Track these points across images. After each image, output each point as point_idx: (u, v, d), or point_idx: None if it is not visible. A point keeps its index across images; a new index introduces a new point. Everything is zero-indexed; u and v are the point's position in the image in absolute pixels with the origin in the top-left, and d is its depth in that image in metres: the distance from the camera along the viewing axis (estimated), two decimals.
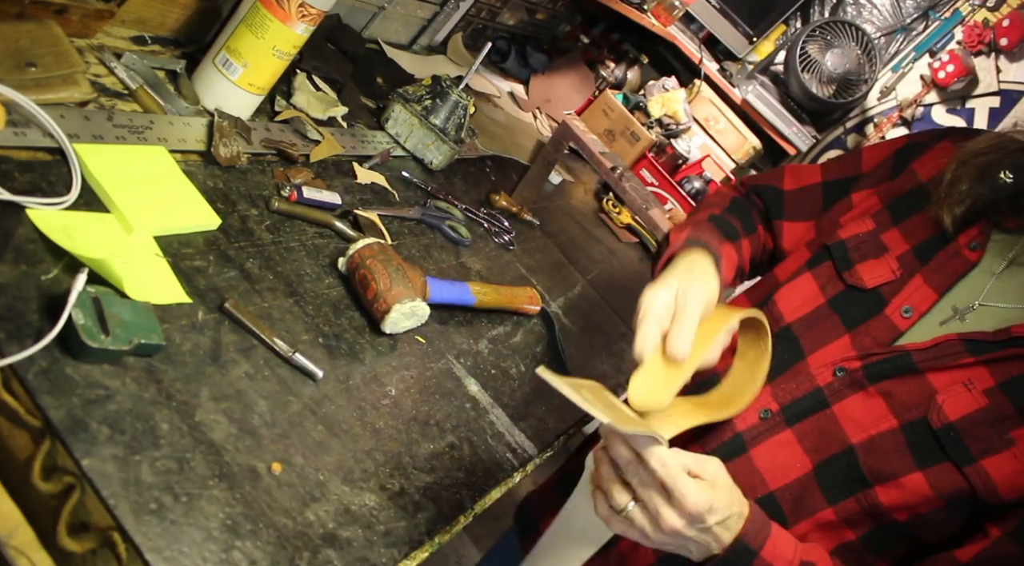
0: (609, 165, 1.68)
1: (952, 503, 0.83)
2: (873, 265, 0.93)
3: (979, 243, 0.89)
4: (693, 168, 2.36)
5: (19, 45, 0.88)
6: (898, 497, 0.84)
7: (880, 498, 0.85)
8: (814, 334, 0.93)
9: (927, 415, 0.84)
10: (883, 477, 0.85)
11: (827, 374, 0.90)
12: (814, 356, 0.92)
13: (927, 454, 0.83)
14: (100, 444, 0.66)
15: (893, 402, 0.87)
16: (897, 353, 0.87)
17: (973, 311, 0.87)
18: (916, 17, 2.50)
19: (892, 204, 0.97)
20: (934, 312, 0.89)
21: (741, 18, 2.44)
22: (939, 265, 0.90)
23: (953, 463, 0.82)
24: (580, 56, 2.39)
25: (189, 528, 0.67)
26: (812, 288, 0.96)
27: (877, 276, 0.92)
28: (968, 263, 0.89)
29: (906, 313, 0.89)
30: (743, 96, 2.42)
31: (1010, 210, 0.88)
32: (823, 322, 0.93)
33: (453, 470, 0.96)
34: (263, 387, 0.84)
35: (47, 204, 0.80)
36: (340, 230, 1.14)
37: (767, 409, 0.92)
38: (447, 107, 1.49)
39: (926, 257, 0.91)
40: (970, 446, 0.82)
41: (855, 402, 0.88)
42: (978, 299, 0.88)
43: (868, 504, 0.86)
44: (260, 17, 1.09)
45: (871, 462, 0.86)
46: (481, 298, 1.22)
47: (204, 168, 1.04)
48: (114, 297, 0.74)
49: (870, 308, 0.91)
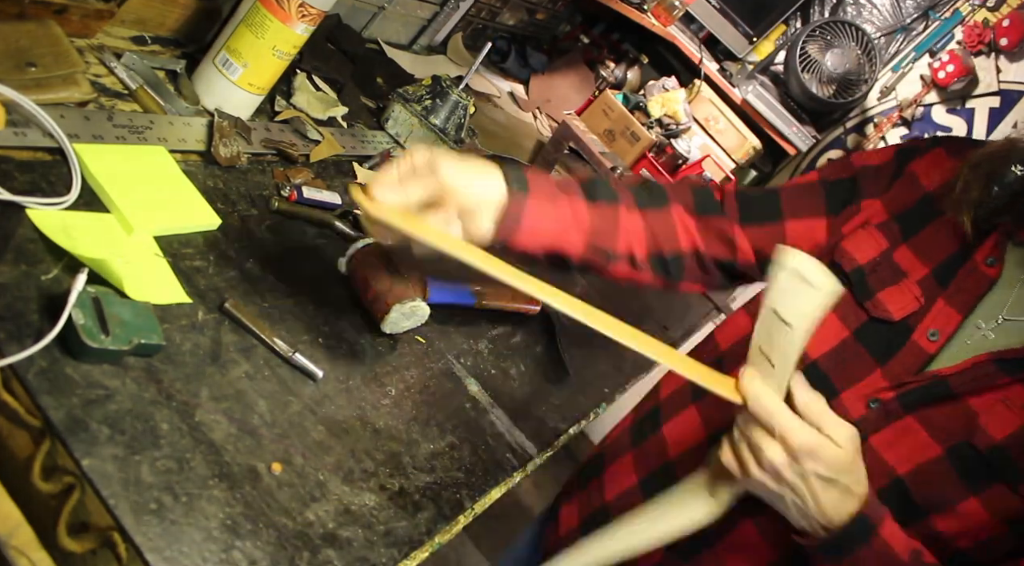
0: (609, 165, 1.68)
1: (1013, 524, 0.81)
2: (895, 293, 0.90)
3: (995, 258, 0.88)
4: (693, 168, 2.36)
5: (19, 45, 0.88)
6: (956, 525, 0.83)
7: (938, 527, 0.84)
8: (844, 370, 0.90)
9: (971, 439, 0.83)
10: (937, 506, 0.83)
11: (861, 407, 0.88)
12: (847, 392, 0.89)
13: (978, 478, 0.82)
14: (100, 444, 0.66)
15: (933, 430, 0.85)
16: (931, 380, 0.86)
17: (998, 326, 0.87)
18: (916, 17, 2.50)
19: (900, 216, 0.95)
20: (960, 333, 0.87)
21: (741, 18, 2.44)
22: (959, 285, 0.88)
23: (1006, 484, 0.81)
24: (580, 56, 2.39)
25: (189, 528, 0.67)
26: (832, 319, 0.92)
27: (903, 306, 0.90)
28: (988, 279, 0.88)
29: (933, 337, 0.87)
30: (743, 96, 2.42)
31: (1020, 221, 0.87)
32: (851, 356, 0.90)
33: (453, 470, 0.96)
34: (263, 387, 0.84)
35: (47, 204, 0.80)
36: (340, 230, 1.14)
37: None
38: (447, 107, 1.49)
39: (946, 279, 0.89)
40: (1020, 464, 0.80)
41: (894, 433, 0.86)
42: (1001, 313, 0.87)
43: (927, 534, 0.84)
44: (260, 17, 1.09)
45: (922, 492, 0.84)
46: (481, 298, 1.22)
47: (204, 168, 1.04)
48: (114, 297, 0.74)
49: (898, 338, 0.89)
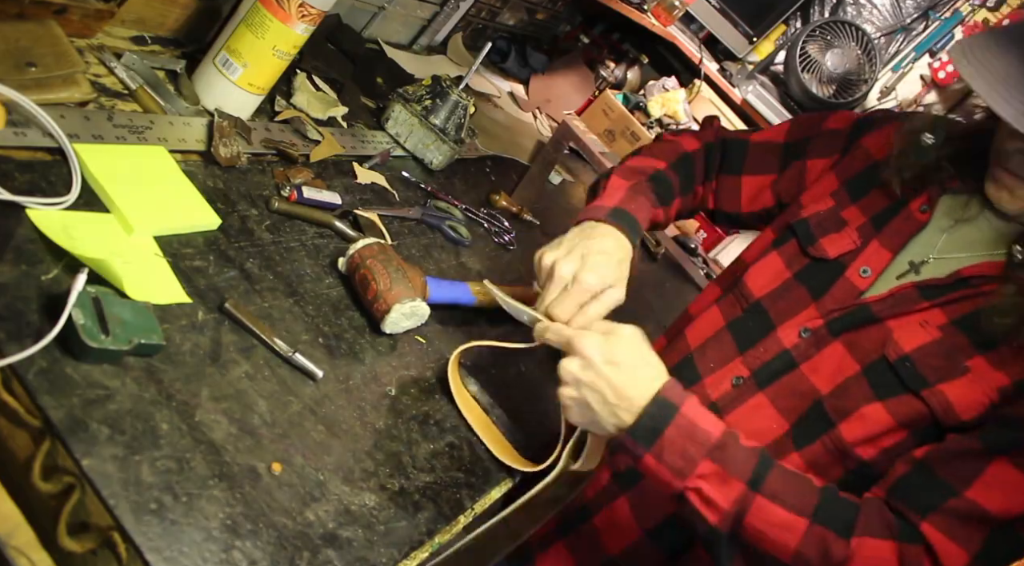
0: (609, 165, 1.68)
1: (914, 432, 0.87)
2: (835, 238, 1.00)
3: (928, 206, 0.97)
4: None
5: (19, 45, 0.88)
6: (860, 429, 0.88)
7: (844, 434, 0.89)
8: (781, 304, 0.99)
9: (884, 352, 0.89)
10: (845, 412, 0.89)
11: (793, 336, 0.96)
12: (783, 325, 0.97)
13: (886, 387, 0.88)
14: (100, 444, 0.66)
15: (855, 350, 0.92)
16: (857, 306, 0.94)
17: (928, 264, 0.94)
18: (916, 17, 2.50)
19: (848, 183, 1.04)
20: (891, 269, 0.95)
21: (741, 18, 2.44)
22: (893, 229, 0.97)
23: (911, 391, 0.87)
24: (580, 56, 2.39)
25: (189, 528, 0.67)
26: (779, 265, 1.02)
27: (839, 247, 0.99)
28: (919, 223, 0.96)
29: (864, 273, 0.96)
30: (743, 96, 2.42)
31: (952, 172, 0.96)
32: (790, 293, 0.99)
33: (453, 470, 0.96)
34: (263, 387, 0.84)
35: (47, 204, 0.80)
36: (340, 230, 1.14)
37: (738, 376, 0.98)
38: (447, 107, 1.49)
39: (881, 224, 0.98)
40: (927, 374, 0.86)
41: (821, 358, 0.94)
42: (932, 254, 0.95)
43: (833, 444, 0.90)
44: (260, 17, 1.09)
45: (835, 404, 0.90)
46: (481, 298, 1.22)
47: (204, 168, 1.04)
48: (114, 297, 0.74)
49: (833, 275, 0.97)
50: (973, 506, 0.79)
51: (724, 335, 1.03)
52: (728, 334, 1.02)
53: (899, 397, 0.87)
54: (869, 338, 0.92)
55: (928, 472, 0.83)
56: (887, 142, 1.04)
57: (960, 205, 0.96)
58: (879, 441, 0.88)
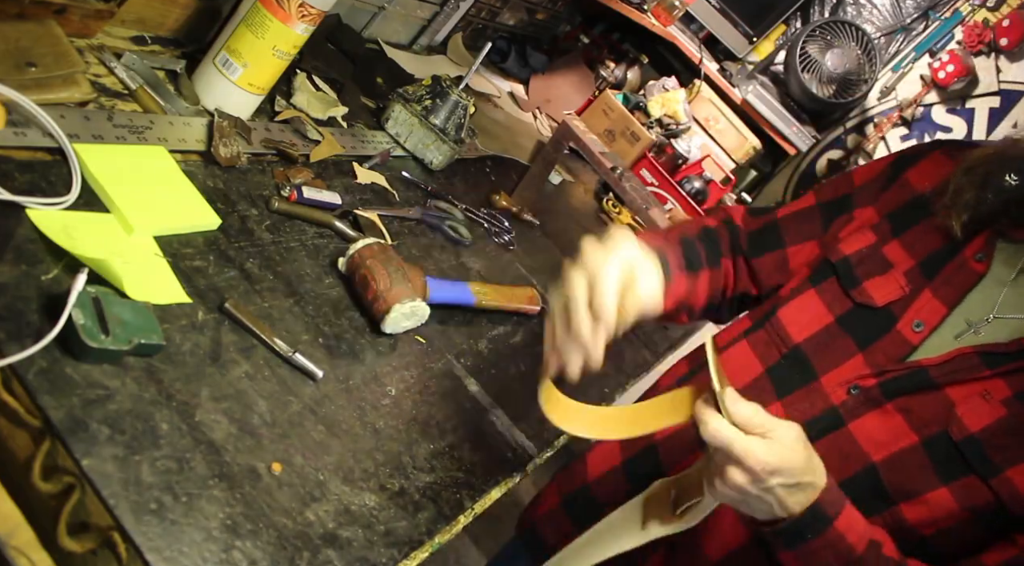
0: (609, 165, 1.68)
1: (979, 516, 0.82)
2: (880, 282, 0.92)
3: (984, 254, 0.89)
4: (693, 168, 2.36)
5: (19, 45, 0.88)
6: (924, 513, 0.84)
7: (906, 515, 0.84)
8: (825, 353, 0.91)
9: (947, 429, 0.83)
10: (907, 494, 0.84)
11: (841, 393, 0.89)
12: (827, 376, 0.90)
13: (951, 469, 0.83)
14: (100, 444, 0.66)
15: (911, 418, 0.86)
16: (913, 369, 0.86)
17: (988, 324, 0.87)
18: (916, 17, 2.50)
19: (891, 215, 0.96)
20: (946, 326, 0.88)
21: (741, 18, 2.44)
22: (946, 278, 0.89)
23: (978, 476, 0.81)
24: (580, 56, 2.39)
25: (189, 528, 0.67)
26: (818, 306, 0.94)
27: (886, 293, 0.91)
28: (976, 275, 0.88)
29: (917, 327, 0.88)
30: (743, 96, 2.42)
31: (1015, 219, 0.87)
32: (834, 341, 0.92)
33: (453, 470, 0.96)
34: (263, 387, 0.84)
35: (47, 204, 0.80)
36: (340, 230, 1.14)
37: None
38: (447, 107, 1.49)
39: (933, 271, 0.90)
40: (993, 457, 0.81)
41: (872, 420, 0.87)
42: (992, 312, 0.87)
43: (893, 521, 0.85)
44: (260, 17, 1.09)
45: (894, 479, 0.85)
46: (481, 298, 1.22)
47: (204, 168, 1.04)
48: (114, 297, 0.74)
49: (881, 326, 0.90)
50: None
51: (763, 383, 0.95)
52: (768, 382, 0.94)
53: (964, 480, 0.82)
54: (926, 407, 0.85)
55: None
56: (933, 172, 0.95)
57: (1021, 255, 0.88)
58: (942, 523, 0.84)
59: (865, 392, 0.88)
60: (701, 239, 1.05)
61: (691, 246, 1.02)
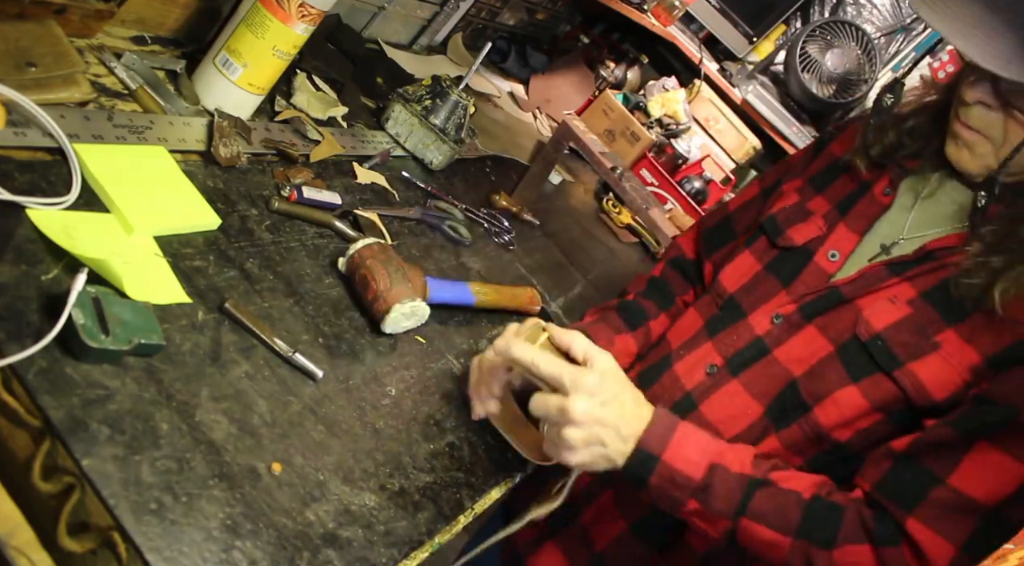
0: (609, 165, 1.68)
1: (889, 414, 0.87)
2: (801, 227, 1.01)
3: (890, 189, 0.98)
4: (693, 168, 2.36)
5: (19, 45, 0.88)
6: (835, 414, 0.89)
7: (819, 419, 0.89)
8: (753, 295, 1.00)
9: (856, 331, 0.89)
10: (820, 396, 0.90)
11: (765, 323, 0.97)
12: (754, 313, 0.98)
13: (859, 368, 0.88)
14: (100, 444, 0.66)
15: (828, 332, 0.92)
16: (827, 288, 0.94)
17: (898, 244, 0.95)
18: (916, 17, 2.50)
19: (813, 178, 1.06)
20: (860, 251, 0.96)
21: (741, 18, 2.44)
22: (858, 213, 0.98)
23: (883, 372, 0.86)
24: (580, 56, 2.39)
25: (189, 528, 0.67)
26: (749, 261, 1.04)
27: (805, 235, 1.00)
28: (882, 205, 0.97)
29: (832, 257, 0.97)
30: (743, 96, 2.42)
31: (912, 151, 0.97)
32: (760, 284, 1.01)
33: (453, 470, 0.96)
34: (263, 387, 0.84)
35: (47, 204, 0.80)
36: (340, 230, 1.14)
37: (712, 364, 0.99)
38: (447, 107, 1.49)
39: (846, 209, 0.99)
40: (898, 353, 0.86)
41: (794, 343, 0.94)
42: (901, 234, 0.95)
43: (809, 428, 0.90)
44: (260, 17, 1.09)
45: (810, 387, 0.91)
46: (481, 298, 1.22)
47: (204, 168, 1.04)
48: (114, 297, 0.74)
49: (801, 262, 0.98)
50: (957, 495, 0.79)
51: (700, 333, 1.04)
52: (704, 331, 1.04)
53: (872, 378, 0.87)
54: (841, 319, 0.92)
55: (909, 464, 0.82)
56: (851, 139, 1.05)
57: (922, 183, 0.97)
58: (855, 424, 0.88)
59: (787, 318, 0.96)
60: (645, 295, 1.19)
61: (629, 307, 1.16)
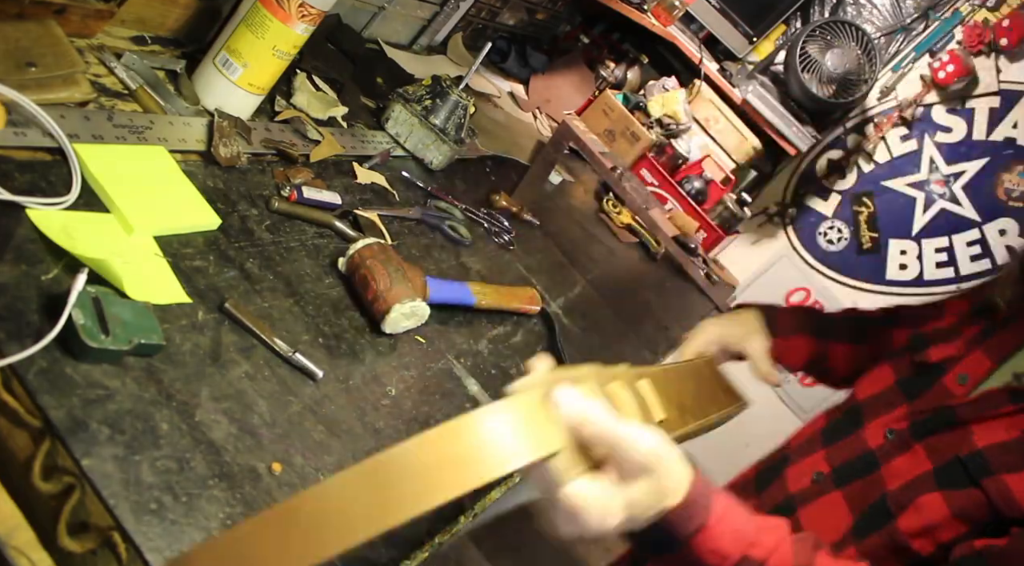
0: (609, 165, 1.68)
1: (974, 527, 0.82)
2: (943, 347, 0.97)
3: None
4: (693, 168, 2.36)
5: (19, 45, 0.88)
6: (915, 520, 0.84)
7: (900, 526, 0.85)
8: (877, 406, 0.97)
9: (959, 452, 0.84)
10: (903, 504, 0.86)
11: (879, 437, 0.93)
12: (872, 423, 0.95)
13: (949, 477, 0.84)
14: (100, 444, 0.66)
15: (933, 453, 0.88)
16: (940, 408, 0.89)
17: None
18: (916, 17, 2.50)
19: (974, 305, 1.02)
20: (992, 379, 0.90)
21: (741, 18, 2.44)
22: (998, 341, 0.93)
23: (972, 481, 0.82)
24: (580, 56, 2.39)
25: (189, 528, 0.67)
26: (886, 372, 1.00)
27: (942, 354, 0.95)
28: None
29: (962, 380, 0.91)
30: (743, 96, 2.42)
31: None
32: (888, 397, 0.97)
33: None
34: (263, 387, 0.84)
35: (47, 204, 0.80)
36: (340, 230, 1.14)
37: (819, 472, 0.96)
38: (447, 107, 1.49)
39: (989, 335, 0.95)
40: (993, 465, 0.81)
41: (901, 460, 0.90)
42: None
43: (890, 537, 0.85)
44: (260, 17, 1.09)
45: (898, 496, 0.87)
46: (481, 298, 1.22)
47: (204, 168, 1.04)
48: (114, 297, 0.74)
49: (931, 380, 0.94)
50: None
51: (817, 435, 1.01)
52: (820, 435, 1.01)
53: (964, 490, 0.82)
54: (951, 442, 0.86)
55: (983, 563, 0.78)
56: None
57: None
58: (936, 534, 0.83)
59: (898, 434, 0.91)
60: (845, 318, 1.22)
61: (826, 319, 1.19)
